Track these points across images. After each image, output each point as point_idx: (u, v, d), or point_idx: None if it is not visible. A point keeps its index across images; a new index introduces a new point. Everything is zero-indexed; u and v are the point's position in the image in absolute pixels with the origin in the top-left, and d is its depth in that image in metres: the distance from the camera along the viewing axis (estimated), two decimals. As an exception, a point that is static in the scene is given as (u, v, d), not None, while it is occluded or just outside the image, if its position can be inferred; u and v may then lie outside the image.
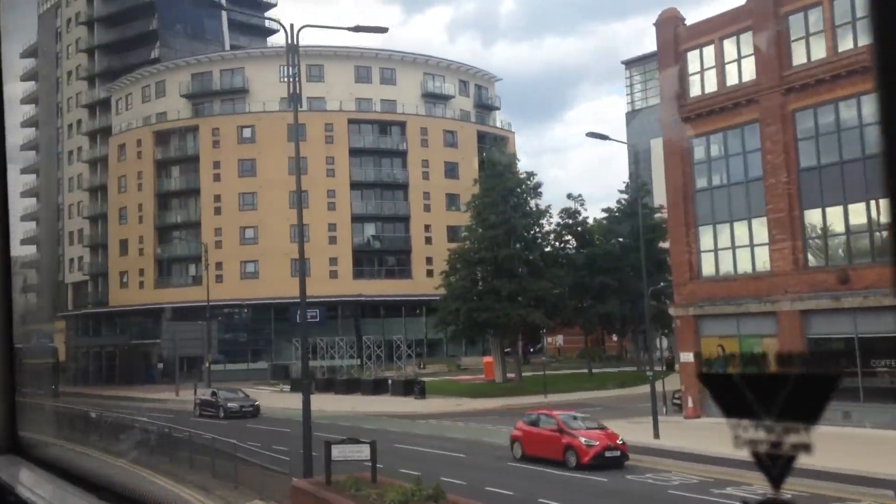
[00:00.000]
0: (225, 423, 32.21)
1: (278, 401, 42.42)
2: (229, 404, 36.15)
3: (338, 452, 13.70)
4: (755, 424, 1.10)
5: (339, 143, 64.80)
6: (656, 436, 23.80)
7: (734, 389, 1.13)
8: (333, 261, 63.72)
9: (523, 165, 49.09)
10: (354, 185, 65.39)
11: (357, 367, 49.70)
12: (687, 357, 29.41)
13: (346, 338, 53.55)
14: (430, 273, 65.27)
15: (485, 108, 74.84)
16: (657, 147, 52.86)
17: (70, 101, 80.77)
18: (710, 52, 30.06)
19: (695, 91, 30.69)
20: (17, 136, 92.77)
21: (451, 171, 67.16)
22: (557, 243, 45.51)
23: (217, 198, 64.41)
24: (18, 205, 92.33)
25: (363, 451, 13.73)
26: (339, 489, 13.21)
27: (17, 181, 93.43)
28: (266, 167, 63.23)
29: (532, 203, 43.71)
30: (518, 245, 42.92)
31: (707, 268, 29.80)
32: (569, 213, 46.62)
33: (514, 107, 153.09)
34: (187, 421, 30.59)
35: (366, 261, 65.67)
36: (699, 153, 30.58)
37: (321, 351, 51.13)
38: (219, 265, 58.58)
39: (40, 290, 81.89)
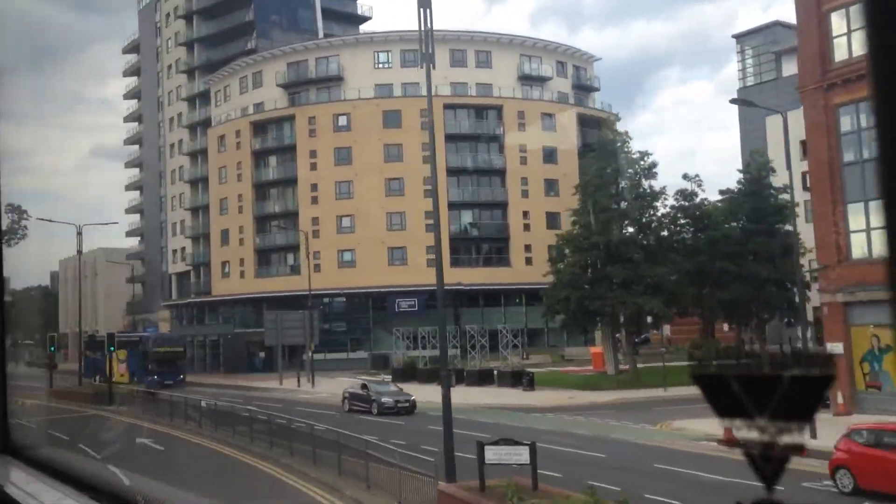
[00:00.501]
0: (372, 420, 29.83)
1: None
2: (383, 399, 32.33)
3: (492, 455, 12.19)
4: (748, 424, 1.05)
5: (435, 129, 63.42)
6: (813, 436, 21.42)
7: (727, 389, 1.05)
8: (430, 249, 62.52)
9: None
10: (451, 172, 63.99)
11: (459, 358, 48.38)
12: (835, 348, 26.69)
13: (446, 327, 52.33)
14: (528, 261, 63.51)
15: (583, 89, 72.20)
16: (773, 124, 49.34)
17: (170, 95, 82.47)
18: (857, 10, 27.11)
19: (840, 55, 27.78)
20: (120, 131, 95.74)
21: (550, 155, 64.97)
22: (673, 227, 42.83)
23: (314, 187, 64.28)
24: (123, 197, 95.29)
25: (522, 454, 12.17)
26: (497, 497, 11.69)
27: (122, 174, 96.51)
28: (361, 155, 62.64)
29: (645, 184, 41.24)
30: (632, 229, 40.61)
31: (857, 249, 26.94)
32: (684, 194, 43.83)
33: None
34: (330, 418, 28.20)
35: (463, 249, 64.29)
36: (846, 124, 27.67)
37: (422, 341, 50.09)
38: (316, 254, 58.29)
39: (146, 280, 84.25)
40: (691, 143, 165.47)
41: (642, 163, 40.97)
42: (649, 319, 42.43)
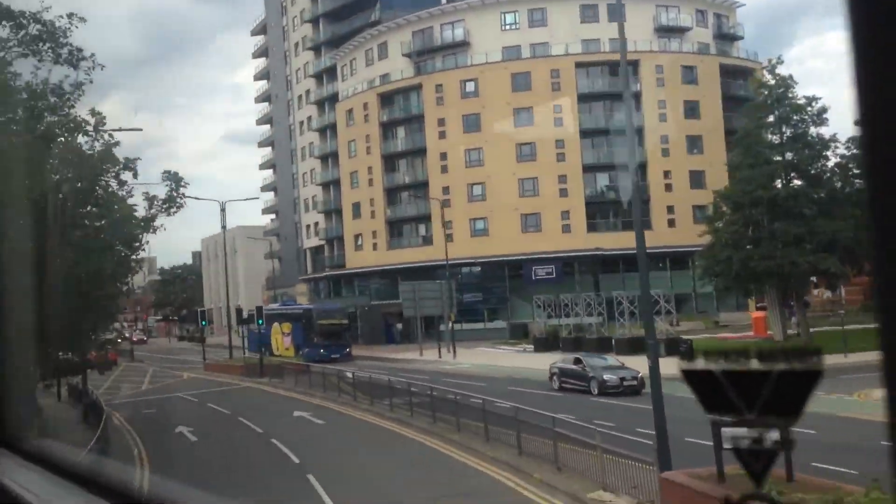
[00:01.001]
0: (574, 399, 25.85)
1: (530, 362, 39.87)
2: (605, 376, 27.10)
3: (732, 437, 10.18)
4: (738, 420, 1.05)
5: (566, 90, 60.79)
6: None
7: (717, 385, 1.05)
8: (565, 214, 60.34)
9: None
10: (584, 134, 61.23)
11: (603, 325, 46.10)
12: None
13: (586, 294, 50.04)
14: (671, 223, 60.06)
15: (726, 38, 67.16)
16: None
17: (298, 73, 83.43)
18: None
19: None
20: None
21: (692, 110, 60.89)
22: (847, 178, 38.66)
23: (443, 155, 63.17)
24: (257, 176, 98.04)
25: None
26: (742, 488, 9.70)
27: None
28: (491, 120, 60.84)
29: (813, 132, 37.27)
30: (799, 182, 36.86)
31: None
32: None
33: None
34: (529, 398, 24.17)
35: (600, 213, 61.56)
36: None
37: (564, 309, 48.11)
38: (447, 223, 57.17)
39: (283, 256, 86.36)
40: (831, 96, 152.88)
41: (809, 109, 37.00)
42: (814, 280, 38.78)
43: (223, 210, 46.04)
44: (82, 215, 16.74)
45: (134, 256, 19.37)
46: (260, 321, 41.68)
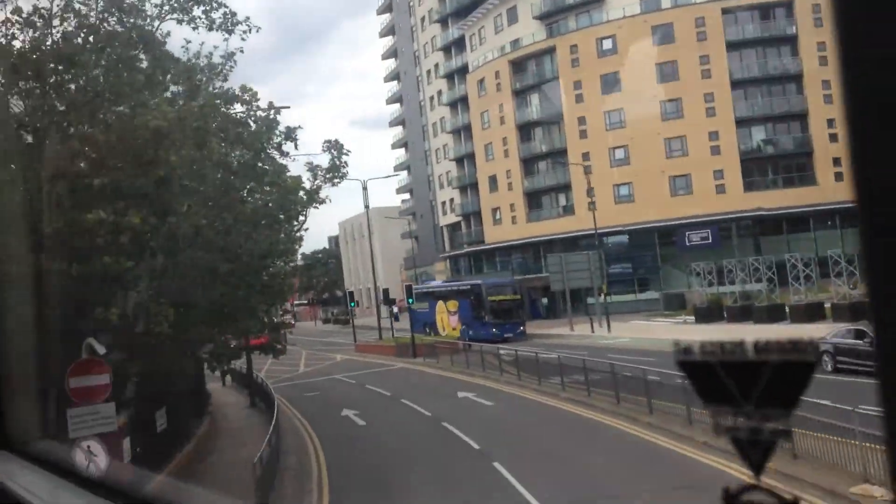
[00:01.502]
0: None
1: (696, 334, 36.91)
2: None
3: None
4: (735, 411, 1.05)
5: (713, 39, 56.37)
6: None
7: (713, 375, 1.05)
8: (718, 174, 56.18)
9: None
10: (735, 84, 56.67)
11: (774, 291, 42.26)
12: None
13: (751, 259, 46.08)
14: (838, 177, 54.63)
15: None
16: None
17: (426, 47, 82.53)
18: None
19: None
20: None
21: (858, 49, 54.92)
22: None
23: (581, 120, 60.36)
24: (387, 158, 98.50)
25: None
26: None
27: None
28: (632, 79, 57.40)
29: None
30: None
31: None
32: None
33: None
34: None
35: (757, 170, 56.94)
36: None
37: (728, 275, 44.58)
38: (589, 191, 54.51)
39: (418, 234, 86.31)
40: None
41: None
42: None
43: (365, 189, 45.69)
44: (250, 189, 16.02)
45: (299, 232, 18.64)
46: (410, 300, 40.90)
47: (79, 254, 12.28)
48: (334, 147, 16.64)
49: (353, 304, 48.22)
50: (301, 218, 17.06)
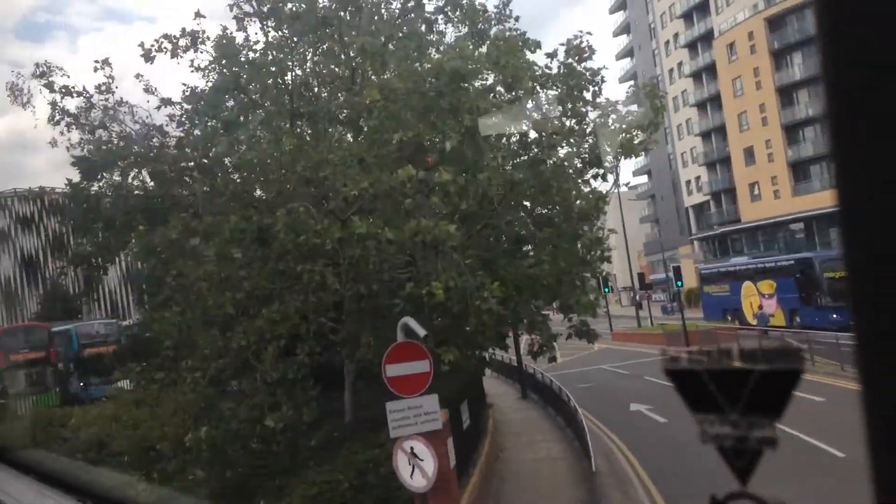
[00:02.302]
0: None
1: None
2: None
3: None
4: (720, 419, 1.05)
5: None
6: None
7: (699, 384, 1.05)
8: None
9: None
10: None
11: None
12: None
13: None
14: None
15: None
16: None
17: (663, 17, 77.07)
18: None
19: None
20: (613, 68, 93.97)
21: None
22: None
23: (858, 76, 52.37)
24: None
25: None
26: None
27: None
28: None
29: None
30: None
31: None
32: None
33: None
34: None
35: None
36: None
37: None
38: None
39: (658, 217, 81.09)
40: None
41: None
42: None
43: (613, 171, 42.10)
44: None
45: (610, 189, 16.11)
46: (679, 283, 36.99)
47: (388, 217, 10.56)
48: (649, 94, 13.76)
49: (607, 290, 44.58)
50: (610, 176, 14.39)
